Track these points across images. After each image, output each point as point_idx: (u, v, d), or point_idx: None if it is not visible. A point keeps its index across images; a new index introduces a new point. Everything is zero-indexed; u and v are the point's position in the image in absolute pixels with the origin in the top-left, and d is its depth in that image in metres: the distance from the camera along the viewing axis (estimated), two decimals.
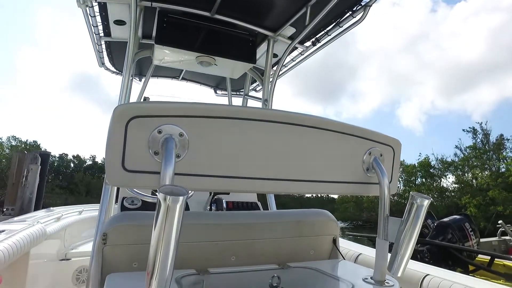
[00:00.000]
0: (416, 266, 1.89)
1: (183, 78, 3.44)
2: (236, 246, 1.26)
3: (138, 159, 0.86)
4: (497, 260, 4.92)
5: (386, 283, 1.09)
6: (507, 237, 6.99)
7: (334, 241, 1.46)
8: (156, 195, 0.75)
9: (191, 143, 0.90)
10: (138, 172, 0.86)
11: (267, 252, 1.32)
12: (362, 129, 1.18)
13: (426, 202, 1.02)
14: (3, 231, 2.26)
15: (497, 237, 7.14)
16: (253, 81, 3.30)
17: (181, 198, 0.71)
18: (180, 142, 0.88)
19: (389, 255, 1.09)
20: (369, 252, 2.29)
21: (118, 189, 2.54)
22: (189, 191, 1.98)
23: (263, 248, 1.31)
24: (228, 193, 2.47)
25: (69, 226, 3.24)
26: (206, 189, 0.94)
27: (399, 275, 1.03)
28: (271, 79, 2.75)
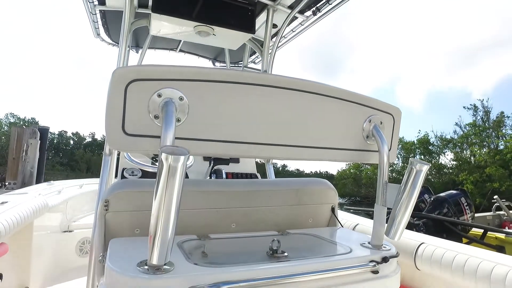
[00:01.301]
0: (412, 235, 1.94)
1: (181, 50, 3.37)
2: (236, 214, 1.28)
3: (138, 122, 0.85)
4: (489, 233, 5.05)
5: (383, 248, 1.11)
6: (501, 212, 7.13)
7: (333, 210, 1.48)
8: (156, 165, 0.75)
9: (191, 107, 0.89)
10: (138, 136, 0.86)
11: (266, 220, 1.34)
12: (362, 96, 1.16)
13: (425, 168, 1.02)
14: (6, 202, 2.29)
15: (491, 212, 7.29)
16: (252, 53, 3.23)
17: (182, 157, 0.71)
18: (180, 106, 0.87)
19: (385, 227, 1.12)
20: (366, 223, 2.34)
21: (118, 161, 2.55)
22: (190, 159, 1.98)
23: (262, 215, 1.33)
24: (227, 163, 2.49)
25: (70, 199, 3.28)
26: (206, 153, 0.94)
27: (396, 239, 1.06)
28: (270, 51, 2.69)
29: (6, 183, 5.37)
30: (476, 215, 6.45)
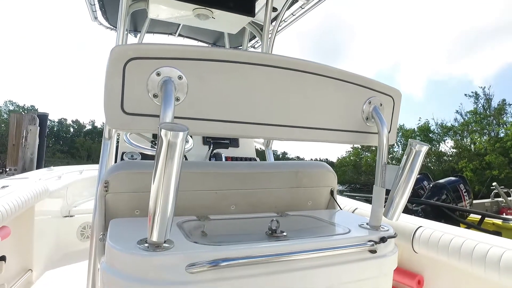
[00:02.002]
0: (410, 219, 1.96)
1: (179, 35, 3.33)
2: (235, 195, 1.29)
3: (137, 101, 0.85)
4: (487, 219, 5.11)
5: (381, 228, 1.13)
6: (500, 199, 7.19)
7: (332, 193, 1.49)
8: (155, 148, 0.75)
9: (190, 86, 0.88)
10: (137, 115, 0.86)
11: (266, 202, 1.35)
12: (362, 78, 1.15)
13: (424, 148, 1.02)
14: (6, 186, 2.31)
15: (490, 199, 7.34)
16: (252, 37, 3.20)
17: (181, 133, 0.71)
18: (179, 85, 0.87)
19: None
20: (365, 207, 2.36)
21: (117, 145, 2.55)
22: (189, 143, 1.97)
23: (262, 197, 1.34)
24: (227, 147, 2.49)
25: (70, 185, 3.30)
26: (204, 133, 0.94)
27: (394, 220, 1.07)
28: (270, 35, 2.66)
29: (7, 169, 5.40)
30: (475, 201, 6.51)
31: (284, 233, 1.00)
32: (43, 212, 2.68)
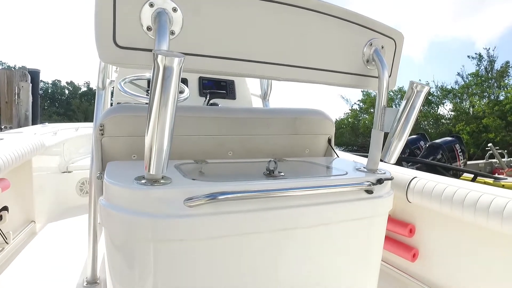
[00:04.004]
0: (405, 171, 1.98)
1: None
2: (232, 141, 1.28)
3: (130, 34, 0.80)
4: (479, 178, 5.24)
5: (378, 172, 1.13)
6: (494, 160, 7.31)
7: (329, 141, 1.48)
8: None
9: (186, 19, 0.84)
10: (131, 49, 0.82)
11: (263, 149, 1.35)
12: (364, 18, 1.09)
13: (425, 89, 0.99)
14: (1, 139, 2.29)
15: (484, 160, 7.47)
16: None
17: (177, 59, 0.68)
18: (174, 17, 0.82)
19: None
20: (362, 160, 2.38)
21: (112, 96, 2.51)
22: (185, 92, 1.91)
23: (259, 144, 1.34)
24: (224, 97, 2.45)
25: (66, 141, 3.30)
26: (199, 69, 0.90)
27: (392, 161, 1.07)
28: None
29: (2, 127, 5.36)
30: (469, 162, 6.62)
31: (282, 173, 1.00)
32: (41, 168, 2.70)
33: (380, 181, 1.04)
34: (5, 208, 2.11)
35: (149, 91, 0.82)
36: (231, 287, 0.86)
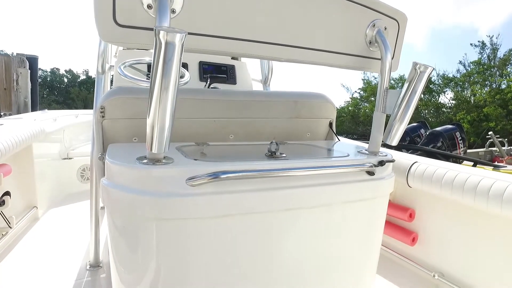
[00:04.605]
0: (406, 156, 1.98)
1: None
2: (234, 124, 1.28)
3: (131, 12, 0.79)
4: (478, 166, 5.23)
5: (380, 154, 1.13)
6: (494, 148, 7.31)
7: (331, 125, 1.48)
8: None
9: None
10: (131, 28, 0.80)
11: (264, 132, 1.34)
12: None
13: (429, 70, 0.98)
14: (1, 124, 2.29)
15: (484, 148, 7.48)
16: None
17: (179, 35, 0.67)
18: None
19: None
20: (363, 145, 2.39)
21: (111, 83, 2.49)
22: (186, 76, 1.89)
23: (260, 127, 1.33)
24: (224, 81, 2.43)
25: (67, 128, 3.29)
26: (201, 49, 0.89)
27: (393, 143, 1.06)
28: None
29: (1, 114, 5.33)
30: (469, 151, 6.63)
31: (284, 155, 1.00)
32: (42, 155, 2.70)
33: (381, 163, 1.04)
34: (7, 193, 2.12)
35: (149, 76, 0.81)
36: (234, 266, 0.87)
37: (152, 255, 0.81)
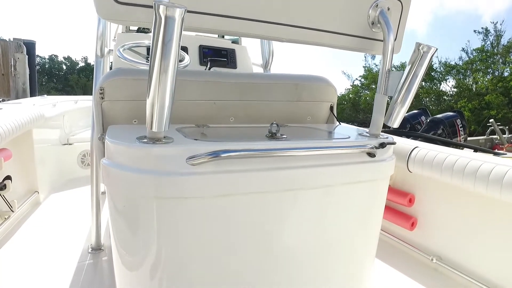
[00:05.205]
0: (406, 141, 1.98)
1: None
2: (234, 107, 1.27)
3: None
4: (478, 153, 5.24)
5: (381, 137, 1.12)
6: (494, 136, 7.30)
7: (332, 108, 1.47)
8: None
9: None
10: (130, 5, 0.78)
11: (265, 115, 1.33)
12: None
13: (432, 50, 0.96)
14: (0, 109, 2.27)
15: (485, 136, 7.47)
16: None
17: (179, 9, 0.66)
18: None
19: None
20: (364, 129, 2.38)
21: (110, 68, 2.46)
22: (186, 59, 1.86)
23: (261, 110, 1.32)
24: (224, 65, 2.40)
25: (66, 113, 3.28)
26: (200, 28, 0.87)
27: (395, 126, 1.06)
28: None
29: (0, 100, 5.30)
30: (469, 138, 6.61)
31: (284, 136, 0.99)
32: (42, 140, 2.70)
33: (382, 145, 1.03)
34: (9, 178, 2.13)
35: (149, 58, 0.80)
36: (234, 246, 0.88)
37: (153, 234, 0.82)
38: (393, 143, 1.09)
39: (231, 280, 0.90)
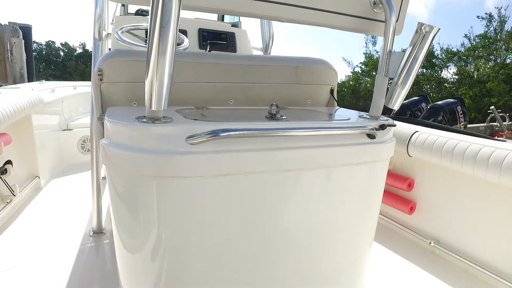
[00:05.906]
0: (406, 125, 1.97)
1: None
2: (234, 89, 1.26)
3: None
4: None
5: (381, 119, 1.12)
6: (494, 123, 7.29)
7: (332, 92, 1.46)
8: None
9: None
10: None
11: (265, 98, 1.32)
12: None
13: (434, 30, 0.95)
14: None
15: (485, 123, 7.45)
16: None
17: None
18: None
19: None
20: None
21: (109, 50, 2.43)
22: (185, 42, 1.83)
23: (261, 92, 1.31)
24: (224, 48, 2.38)
25: (65, 99, 3.26)
26: (198, 6, 0.85)
27: (395, 107, 1.05)
28: None
29: None
30: (469, 126, 6.60)
31: (284, 117, 0.98)
32: (42, 126, 2.69)
33: (382, 127, 1.03)
34: (9, 162, 2.13)
35: (147, 40, 0.78)
36: (233, 226, 0.89)
37: (153, 214, 0.82)
38: (393, 125, 1.08)
39: (231, 260, 0.91)
